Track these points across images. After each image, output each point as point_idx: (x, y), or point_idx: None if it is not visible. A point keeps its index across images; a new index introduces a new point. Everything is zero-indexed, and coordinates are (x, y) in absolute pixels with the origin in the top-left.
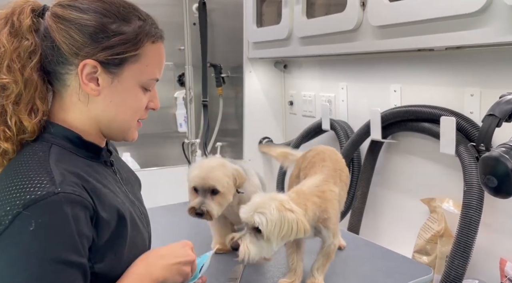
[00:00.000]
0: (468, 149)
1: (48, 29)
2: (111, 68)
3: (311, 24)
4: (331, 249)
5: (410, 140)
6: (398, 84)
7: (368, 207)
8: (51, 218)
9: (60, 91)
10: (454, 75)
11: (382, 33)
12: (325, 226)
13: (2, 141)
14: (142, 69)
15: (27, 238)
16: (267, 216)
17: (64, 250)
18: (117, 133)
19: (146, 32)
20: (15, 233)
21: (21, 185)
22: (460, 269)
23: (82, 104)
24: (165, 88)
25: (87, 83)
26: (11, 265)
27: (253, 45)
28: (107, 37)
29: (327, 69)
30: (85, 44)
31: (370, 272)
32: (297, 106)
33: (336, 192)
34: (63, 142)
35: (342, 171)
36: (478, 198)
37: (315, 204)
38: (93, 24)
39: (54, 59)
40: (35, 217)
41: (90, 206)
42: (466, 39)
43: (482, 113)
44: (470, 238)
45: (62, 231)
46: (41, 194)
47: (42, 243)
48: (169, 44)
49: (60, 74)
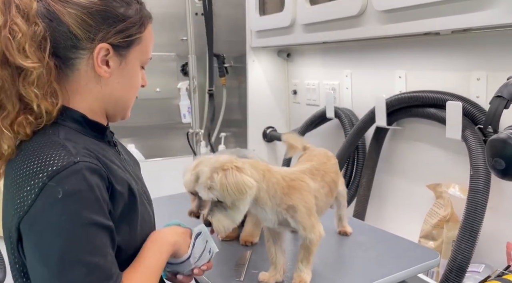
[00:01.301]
0: (475, 133)
1: (56, 13)
2: (121, 51)
3: (314, 11)
4: (308, 244)
5: (415, 126)
6: (403, 70)
7: (373, 194)
8: (76, 185)
9: (67, 76)
10: (459, 59)
11: (387, 17)
12: (292, 217)
13: (24, 126)
14: (143, 50)
15: (57, 205)
16: (216, 188)
17: (93, 212)
18: (120, 111)
19: (145, 15)
20: (46, 203)
21: (40, 160)
22: (466, 253)
23: (91, 86)
24: (168, 79)
25: (101, 66)
26: (48, 233)
27: (256, 33)
28: (119, 21)
29: (330, 57)
30: (99, 29)
31: (377, 256)
32: (300, 94)
33: (308, 185)
34: (70, 123)
35: (327, 173)
36: (485, 182)
37: (278, 183)
38: (104, 9)
39: (66, 44)
40: (61, 186)
41: (106, 176)
42: (472, 21)
43: (488, 97)
44: (476, 222)
45: (88, 195)
46: (62, 165)
47: (72, 208)
48: (171, 34)
49: (69, 59)
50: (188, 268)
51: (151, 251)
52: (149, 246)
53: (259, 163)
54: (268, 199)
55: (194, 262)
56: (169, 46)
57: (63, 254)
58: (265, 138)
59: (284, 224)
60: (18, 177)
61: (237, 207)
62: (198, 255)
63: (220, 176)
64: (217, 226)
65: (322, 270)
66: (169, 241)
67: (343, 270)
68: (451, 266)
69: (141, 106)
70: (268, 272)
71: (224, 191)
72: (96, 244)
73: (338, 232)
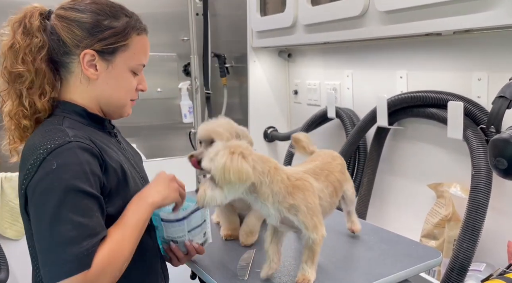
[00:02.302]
0: (476, 133)
1: (54, 27)
2: (106, 56)
3: (316, 11)
4: (311, 244)
5: (416, 126)
6: (404, 70)
7: (374, 193)
8: (67, 159)
9: (66, 77)
10: (461, 59)
11: (389, 18)
12: (295, 215)
13: (21, 118)
14: (131, 57)
15: (52, 174)
16: (215, 163)
17: (80, 182)
18: (114, 110)
19: (132, 26)
20: (44, 173)
21: (43, 141)
22: (468, 252)
23: (84, 86)
24: (169, 79)
25: (87, 69)
26: (43, 196)
27: (257, 34)
28: (101, 31)
29: (331, 57)
30: (84, 37)
31: (379, 255)
32: (301, 95)
33: (312, 185)
34: (73, 115)
35: (331, 173)
36: (486, 181)
37: (283, 183)
38: (89, 21)
39: (60, 51)
40: (55, 159)
41: (98, 154)
42: (474, 22)
43: (489, 98)
44: (478, 222)
45: (77, 168)
46: (58, 143)
47: (63, 177)
48: (172, 35)
49: (65, 63)
50: (182, 233)
51: (131, 210)
52: (130, 205)
53: (270, 159)
54: (270, 195)
55: (188, 230)
56: (170, 46)
57: (54, 212)
58: (266, 138)
59: (286, 223)
60: (27, 154)
61: (223, 189)
62: (193, 226)
63: (224, 156)
64: (201, 195)
65: (325, 269)
66: (148, 201)
67: (346, 269)
68: (453, 265)
69: (142, 106)
70: (263, 267)
71: (219, 170)
72: (82, 207)
73: (348, 229)
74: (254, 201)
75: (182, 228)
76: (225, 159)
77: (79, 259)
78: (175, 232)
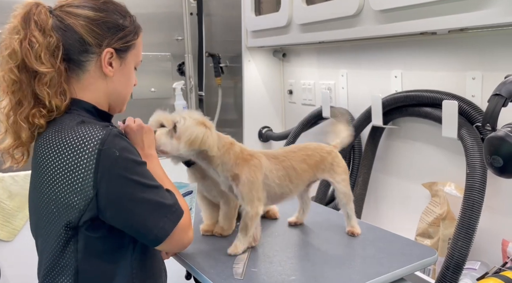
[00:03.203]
0: (471, 131)
1: (71, 25)
2: (121, 54)
3: (311, 11)
4: (245, 216)
5: (410, 125)
6: (399, 69)
7: (369, 192)
8: (121, 143)
9: (78, 75)
10: (455, 59)
11: (384, 17)
12: (236, 185)
13: (38, 118)
14: (137, 54)
15: (120, 159)
16: (186, 121)
17: (138, 157)
18: (120, 104)
19: (138, 25)
20: (111, 162)
21: (84, 136)
22: (463, 251)
23: (98, 83)
24: (163, 79)
25: (107, 66)
26: (123, 179)
27: (252, 33)
28: (120, 30)
29: (326, 57)
30: (105, 36)
31: (375, 254)
32: (296, 94)
33: (260, 163)
34: (83, 112)
35: (288, 160)
36: (481, 180)
37: (235, 155)
38: (108, 20)
39: (78, 50)
40: (113, 147)
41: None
42: (469, 20)
43: (484, 97)
44: (473, 220)
45: (131, 147)
46: (104, 133)
47: (129, 158)
48: (166, 34)
49: (81, 62)
50: None
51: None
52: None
53: (228, 138)
54: (220, 164)
55: None
56: (164, 46)
57: (142, 185)
58: (261, 138)
59: (231, 191)
60: (67, 155)
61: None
62: None
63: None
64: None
65: (320, 267)
66: (153, 155)
67: (342, 267)
68: (448, 263)
69: (136, 105)
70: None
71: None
72: (150, 174)
73: (346, 232)
74: (207, 166)
75: None
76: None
77: (178, 206)
78: None
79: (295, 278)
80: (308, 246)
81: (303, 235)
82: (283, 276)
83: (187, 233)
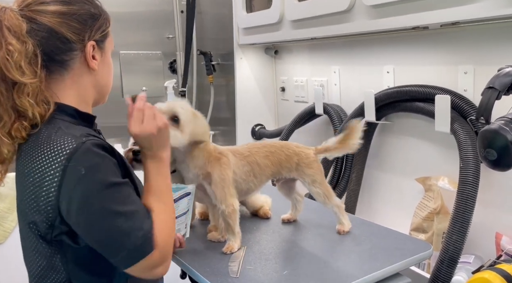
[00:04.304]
0: (463, 125)
1: (48, 25)
2: (101, 44)
3: (302, 7)
4: (224, 215)
5: (403, 120)
6: (391, 65)
7: (363, 188)
8: (92, 159)
9: (62, 75)
10: (447, 53)
11: (376, 12)
12: (208, 183)
13: (20, 131)
14: (111, 41)
15: (85, 180)
16: (186, 110)
17: (112, 176)
18: (103, 96)
19: (105, 11)
20: (74, 181)
21: (53, 149)
22: (458, 244)
23: (84, 79)
24: (154, 78)
25: (91, 60)
26: (85, 202)
27: (243, 31)
28: (95, 20)
29: (318, 53)
30: (84, 30)
31: (370, 249)
32: (289, 91)
33: (229, 160)
34: (65, 117)
35: (252, 155)
36: (474, 174)
37: (208, 152)
38: (83, 12)
39: (60, 50)
40: (80, 164)
41: (108, 146)
42: (462, 14)
43: (476, 91)
44: (467, 214)
45: (103, 165)
46: (73, 147)
47: (96, 178)
48: (156, 32)
49: (65, 61)
50: None
51: (153, 175)
52: (148, 170)
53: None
54: (194, 159)
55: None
56: (154, 44)
57: (104, 211)
58: (254, 136)
59: (201, 190)
60: (36, 169)
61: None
62: (180, 213)
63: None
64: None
65: (316, 263)
66: (162, 158)
67: (337, 263)
68: (443, 257)
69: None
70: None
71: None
72: (124, 197)
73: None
74: (182, 159)
75: None
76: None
77: (146, 241)
78: None
79: (291, 275)
80: (303, 243)
81: (298, 232)
82: (279, 273)
83: (154, 270)
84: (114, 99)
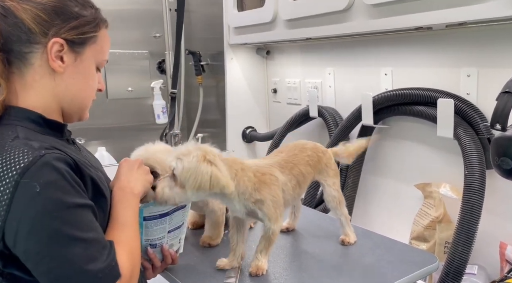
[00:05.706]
0: (467, 131)
1: (11, 9)
2: (75, 47)
3: (298, 5)
4: (270, 234)
5: (401, 124)
6: (389, 67)
7: (359, 194)
8: (49, 175)
9: (21, 70)
10: (448, 55)
11: (377, 12)
12: (260, 209)
13: None
14: (98, 50)
15: (39, 199)
16: (184, 164)
17: (72, 196)
18: (77, 111)
19: (100, 18)
20: (26, 199)
21: (7, 161)
22: (464, 256)
23: (45, 81)
24: (140, 78)
25: (54, 60)
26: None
27: (234, 30)
28: (73, 18)
29: (312, 54)
30: (53, 24)
31: (374, 262)
32: (281, 93)
33: (277, 179)
34: (26, 123)
35: (296, 166)
36: (480, 181)
37: (250, 180)
38: (58, 5)
39: (19, 39)
40: (35, 180)
41: (72, 162)
42: (469, 14)
43: (479, 94)
44: (473, 224)
45: (63, 183)
46: (29, 160)
47: (53, 197)
48: (143, 31)
49: (23, 53)
50: (162, 234)
51: (121, 207)
52: (116, 202)
53: (236, 161)
54: (236, 195)
55: (168, 229)
56: (141, 43)
57: (60, 236)
58: (245, 139)
59: (252, 215)
60: None
61: (186, 190)
62: (173, 226)
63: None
64: (158, 193)
65: (319, 276)
66: (134, 193)
67: (342, 277)
68: (448, 269)
69: (112, 106)
70: (227, 258)
71: (192, 175)
72: (85, 222)
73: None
74: (220, 199)
75: (164, 226)
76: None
77: (110, 271)
78: (156, 233)
79: None
80: (303, 255)
81: (297, 243)
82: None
83: None
84: (98, 101)
